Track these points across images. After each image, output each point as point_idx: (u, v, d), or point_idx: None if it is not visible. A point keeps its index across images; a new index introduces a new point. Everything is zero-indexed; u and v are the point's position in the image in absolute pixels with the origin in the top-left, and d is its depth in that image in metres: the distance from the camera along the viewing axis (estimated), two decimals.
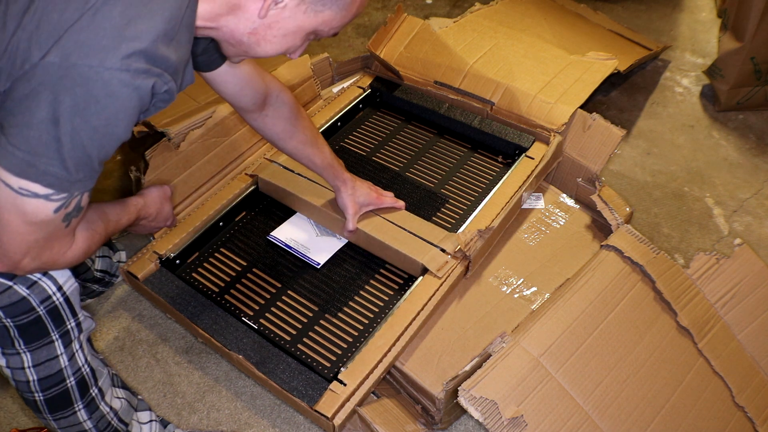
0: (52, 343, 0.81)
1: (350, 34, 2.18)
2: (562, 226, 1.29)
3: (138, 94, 0.62)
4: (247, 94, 0.97)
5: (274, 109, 1.01)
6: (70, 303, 0.80)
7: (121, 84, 0.60)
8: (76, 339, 0.84)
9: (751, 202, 1.57)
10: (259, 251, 1.22)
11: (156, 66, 0.63)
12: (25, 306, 0.76)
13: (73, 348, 0.84)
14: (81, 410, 0.89)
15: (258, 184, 1.31)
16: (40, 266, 0.72)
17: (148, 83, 0.62)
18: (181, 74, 0.69)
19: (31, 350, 0.80)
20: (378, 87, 1.52)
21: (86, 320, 0.85)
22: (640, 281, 1.03)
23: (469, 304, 1.14)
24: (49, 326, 0.79)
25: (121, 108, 0.62)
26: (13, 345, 0.79)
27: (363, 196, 1.17)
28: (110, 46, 0.60)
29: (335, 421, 0.94)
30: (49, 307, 0.78)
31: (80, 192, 0.67)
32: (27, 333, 0.78)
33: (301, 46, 0.77)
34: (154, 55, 0.62)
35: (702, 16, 2.24)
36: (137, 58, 0.61)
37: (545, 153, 1.30)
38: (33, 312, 0.77)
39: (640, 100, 1.88)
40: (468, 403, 0.86)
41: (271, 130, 1.04)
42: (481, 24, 1.62)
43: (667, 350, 1.00)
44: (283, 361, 1.02)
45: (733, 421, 1.01)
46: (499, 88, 1.39)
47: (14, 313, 0.76)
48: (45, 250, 0.70)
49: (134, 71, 0.61)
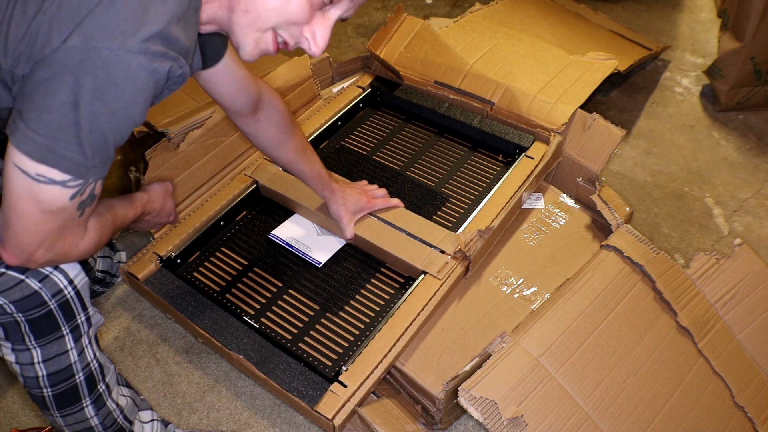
0: (63, 337, 0.81)
1: (350, 34, 2.18)
2: (562, 226, 1.29)
3: (155, 77, 0.63)
4: (241, 97, 0.97)
5: (266, 114, 1.02)
6: (80, 297, 0.81)
7: (140, 67, 0.61)
8: (85, 333, 0.84)
9: (751, 202, 1.57)
10: (260, 250, 1.22)
11: (172, 49, 0.64)
12: (36, 300, 0.76)
13: (83, 343, 0.84)
14: (89, 406, 0.89)
15: (258, 184, 1.31)
16: (53, 258, 0.72)
17: (165, 66, 0.63)
18: (191, 57, 0.70)
19: (42, 345, 0.80)
20: (378, 87, 1.52)
21: (95, 315, 0.86)
22: (640, 281, 1.03)
23: (469, 304, 1.14)
24: (60, 320, 0.79)
25: (138, 91, 0.62)
26: (23, 341, 0.79)
27: (353, 203, 1.17)
28: (129, 30, 0.60)
29: (335, 422, 0.94)
30: (60, 301, 0.78)
31: (95, 179, 0.68)
32: (38, 327, 0.78)
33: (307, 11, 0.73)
34: (169, 37, 0.63)
35: (702, 16, 2.24)
36: (155, 41, 0.61)
37: (545, 153, 1.31)
38: (45, 306, 0.77)
39: (640, 100, 1.88)
40: (468, 403, 0.86)
41: (264, 136, 1.05)
42: (481, 24, 1.62)
43: (667, 350, 1.01)
44: (283, 361, 1.02)
45: (733, 421, 1.01)
46: (499, 88, 1.39)
47: (26, 307, 0.76)
48: (59, 240, 0.70)
49: (152, 54, 0.61)
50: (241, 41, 0.73)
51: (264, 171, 1.30)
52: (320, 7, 0.73)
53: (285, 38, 0.74)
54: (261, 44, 0.73)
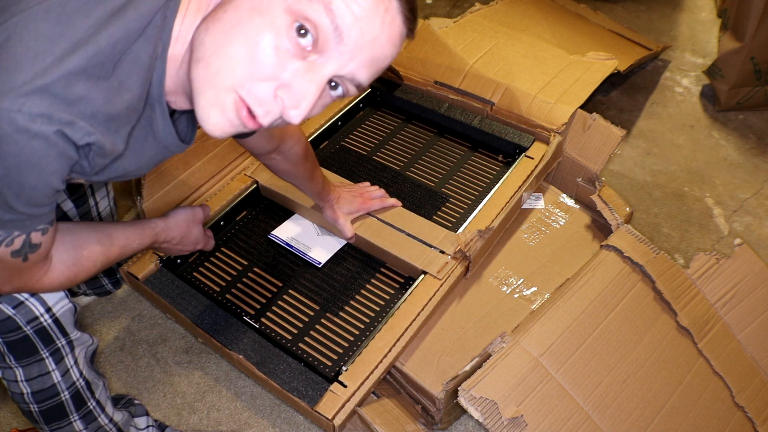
0: (43, 360, 0.79)
1: None
2: (562, 226, 1.29)
3: (40, 143, 0.52)
4: (260, 142, 0.94)
5: (283, 156, 1.00)
6: (60, 324, 0.78)
7: (14, 129, 0.50)
8: (68, 355, 0.82)
9: (751, 202, 1.57)
10: (260, 250, 1.22)
11: (62, 110, 0.52)
12: (11, 324, 0.74)
13: (67, 364, 0.82)
14: (77, 421, 0.88)
15: (258, 184, 1.31)
16: (14, 290, 0.70)
17: (47, 130, 0.51)
18: (128, 129, 0.59)
19: (23, 366, 0.79)
20: (378, 87, 1.52)
21: (82, 336, 0.83)
22: (640, 281, 1.03)
23: (469, 304, 1.14)
24: (38, 345, 0.78)
25: (24, 156, 0.52)
26: (4, 360, 0.78)
27: (347, 205, 1.17)
28: (15, 81, 0.50)
29: (335, 422, 0.94)
30: (36, 328, 0.76)
31: (21, 231, 0.61)
32: (15, 350, 0.77)
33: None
34: (60, 95, 0.51)
35: (702, 16, 2.24)
36: (37, 97, 0.51)
37: (545, 153, 1.30)
38: (20, 331, 0.75)
39: (640, 100, 1.88)
40: (468, 403, 0.86)
41: (275, 168, 1.05)
42: (481, 24, 1.62)
43: (667, 350, 1.01)
44: (283, 361, 1.02)
45: (733, 421, 1.01)
46: (499, 88, 1.39)
47: (2, 330, 0.74)
48: (13, 277, 0.66)
49: (28, 114, 0.50)
50: (201, 105, 0.57)
51: (264, 171, 1.30)
52: (302, 56, 0.55)
53: (249, 104, 0.56)
54: (226, 112, 0.57)
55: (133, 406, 1.04)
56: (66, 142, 0.53)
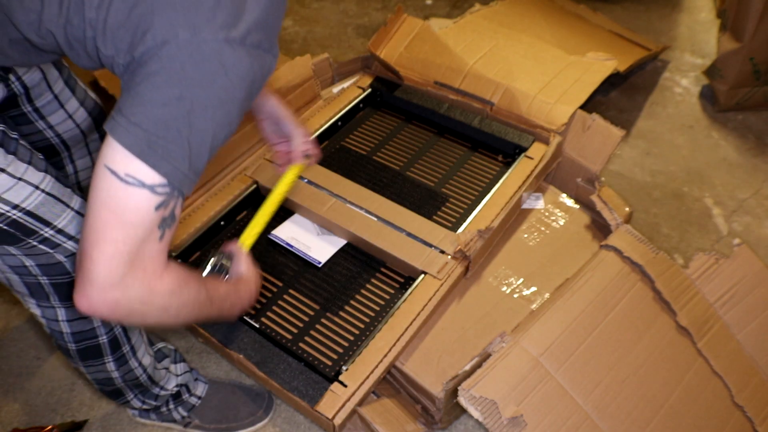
0: None
1: (350, 35, 2.18)
2: (561, 226, 1.29)
3: (254, 71, 0.62)
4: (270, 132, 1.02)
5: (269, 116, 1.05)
6: None
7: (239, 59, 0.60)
8: None
9: (750, 202, 1.58)
10: (260, 250, 1.22)
11: (266, 41, 0.63)
12: (61, 269, 0.79)
13: None
14: (110, 362, 0.92)
15: (258, 184, 1.31)
16: (128, 302, 0.63)
17: (264, 60, 0.63)
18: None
19: (66, 307, 0.83)
20: (378, 87, 1.52)
21: None
22: (639, 281, 1.04)
23: (469, 304, 1.14)
24: None
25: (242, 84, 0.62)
26: (48, 299, 0.82)
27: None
28: (230, 21, 0.59)
29: (335, 421, 0.94)
30: None
31: (180, 193, 0.63)
32: (62, 292, 0.81)
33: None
34: (265, 29, 0.62)
35: (701, 16, 2.25)
36: (254, 32, 0.61)
37: (545, 153, 1.31)
38: (67, 275, 0.80)
39: (640, 100, 1.88)
40: (468, 402, 0.86)
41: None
42: (481, 25, 1.62)
43: (666, 350, 1.01)
44: (283, 361, 1.02)
45: (732, 421, 1.01)
46: (499, 88, 1.40)
47: (51, 272, 0.79)
48: (137, 270, 0.62)
49: (250, 45, 0.61)
50: None
51: (264, 171, 1.30)
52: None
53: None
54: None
55: (171, 354, 1.09)
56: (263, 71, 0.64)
